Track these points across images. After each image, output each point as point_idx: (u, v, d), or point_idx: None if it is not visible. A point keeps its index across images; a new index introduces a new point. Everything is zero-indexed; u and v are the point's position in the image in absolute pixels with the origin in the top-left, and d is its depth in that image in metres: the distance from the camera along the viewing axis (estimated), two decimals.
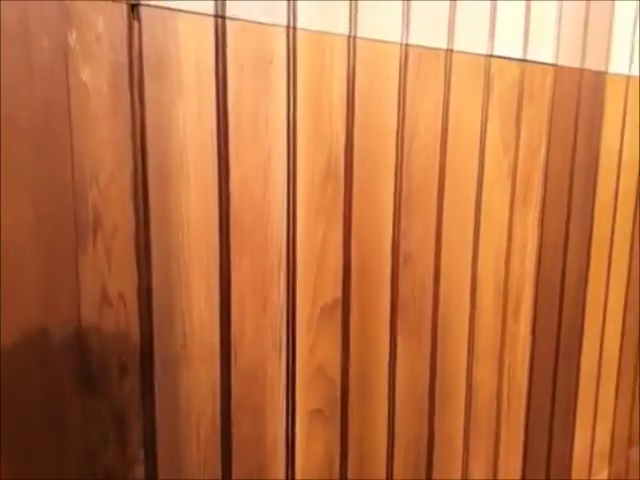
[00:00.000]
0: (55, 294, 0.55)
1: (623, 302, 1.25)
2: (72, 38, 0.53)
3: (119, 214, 0.57)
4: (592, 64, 1.08)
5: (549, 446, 1.13)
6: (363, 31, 0.74)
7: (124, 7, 0.55)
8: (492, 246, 0.96)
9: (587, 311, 1.17)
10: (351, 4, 0.72)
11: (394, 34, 0.77)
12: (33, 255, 0.53)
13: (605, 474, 1.28)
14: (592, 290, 1.17)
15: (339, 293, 0.77)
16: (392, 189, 0.80)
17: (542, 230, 1.05)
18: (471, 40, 0.86)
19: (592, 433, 1.23)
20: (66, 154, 0.53)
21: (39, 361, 0.55)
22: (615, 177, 1.17)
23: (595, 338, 1.20)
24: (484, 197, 0.93)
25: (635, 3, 1.15)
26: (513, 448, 1.06)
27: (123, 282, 0.59)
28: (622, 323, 1.26)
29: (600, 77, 1.10)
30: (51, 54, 0.52)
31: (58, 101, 0.53)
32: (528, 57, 0.96)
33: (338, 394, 0.79)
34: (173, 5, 0.58)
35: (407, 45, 0.79)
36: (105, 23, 0.55)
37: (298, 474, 0.76)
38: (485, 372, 0.98)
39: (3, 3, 0.48)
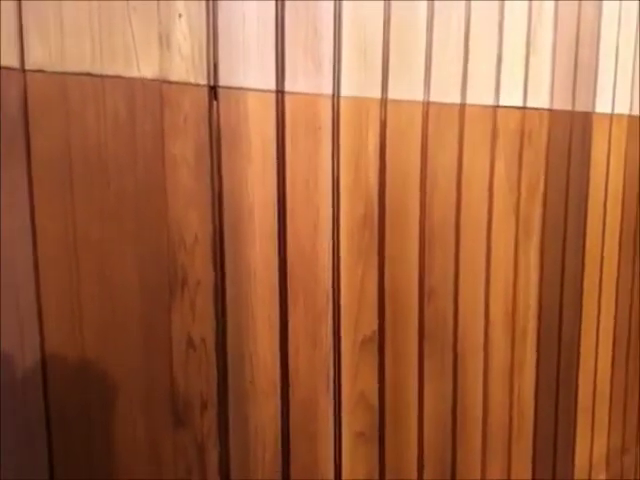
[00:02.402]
0: (154, 340, 0.62)
1: (613, 323, 1.37)
2: (166, 119, 0.61)
3: (201, 270, 0.65)
4: (581, 106, 1.20)
5: (554, 456, 1.23)
6: (393, 93, 0.83)
7: (205, 90, 0.64)
8: (501, 277, 1.06)
9: (582, 332, 1.27)
10: (383, 71, 0.81)
11: (417, 93, 0.87)
12: (137, 308, 0.61)
13: (603, 478, 1.39)
14: (586, 314, 1.28)
15: (376, 326, 0.86)
16: (417, 232, 0.89)
17: (542, 259, 1.15)
18: (480, 94, 0.97)
19: (590, 444, 1.34)
20: (162, 220, 0.62)
21: (142, 400, 0.62)
22: (602, 209, 1.28)
23: (590, 358, 1.30)
24: (493, 233, 1.03)
25: (614, 51, 1.27)
26: (523, 459, 1.15)
27: (204, 328, 0.67)
28: (612, 343, 1.37)
29: (588, 117, 1.22)
30: (151, 134, 0.60)
31: (156, 174, 0.61)
32: (528, 104, 1.06)
33: (377, 417, 0.87)
34: (244, 85, 0.67)
35: (428, 102, 0.88)
36: (191, 104, 0.63)
37: None
38: (498, 392, 1.08)
39: (117, 97, 0.57)
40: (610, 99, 1.27)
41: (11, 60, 0.52)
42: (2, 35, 0.51)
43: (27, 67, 0.52)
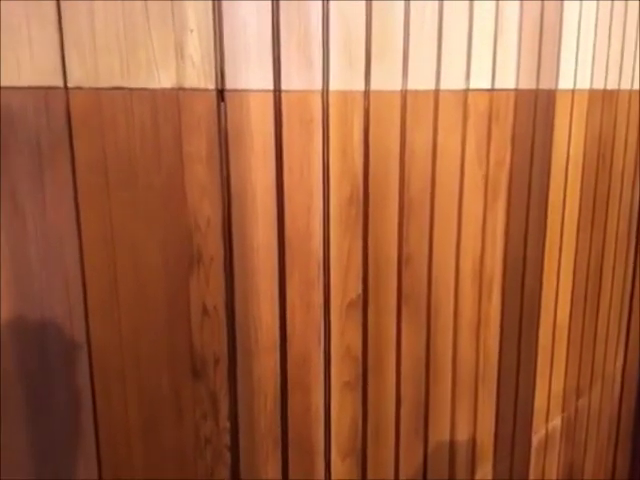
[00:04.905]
0: (176, 309, 0.74)
1: (572, 278, 1.51)
2: (183, 122, 0.71)
3: (214, 249, 0.77)
4: (545, 84, 1.31)
5: (515, 400, 1.39)
6: (375, 85, 0.93)
7: (214, 93, 0.74)
8: (470, 241, 1.19)
9: (543, 287, 1.42)
10: (366, 65, 0.91)
11: (396, 84, 0.97)
12: (162, 283, 0.72)
13: (559, 420, 1.56)
14: (547, 268, 1.42)
15: (360, 290, 0.98)
16: (397, 206, 1.01)
17: (508, 223, 1.28)
18: (452, 79, 1.07)
19: (549, 388, 1.50)
20: (182, 209, 0.72)
21: (167, 358, 0.74)
22: (564, 177, 1.41)
23: (550, 310, 1.45)
24: (464, 203, 1.15)
25: (576, 30, 1.37)
26: (488, 402, 1.31)
27: (216, 298, 0.78)
28: (571, 297, 1.52)
29: (551, 94, 1.33)
30: (171, 136, 0.70)
31: (176, 170, 0.71)
32: (495, 86, 1.17)
33: (360, 368, 1.01)
34: (246, 87, 0.77)
35: (406, 91, 0.99)
36: (202, 107, 0.73)
37: (333, 431, 0.98)
38: (466, 342, 1.22)
39: (143, 107, 0.66)
40: (572, 76, 1.39)
41: (57, 81, 0.61)
42: (50, 60, 0.60)
43: (69, 85, 0.62)
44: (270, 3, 0.77)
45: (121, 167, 0.67)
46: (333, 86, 0.87)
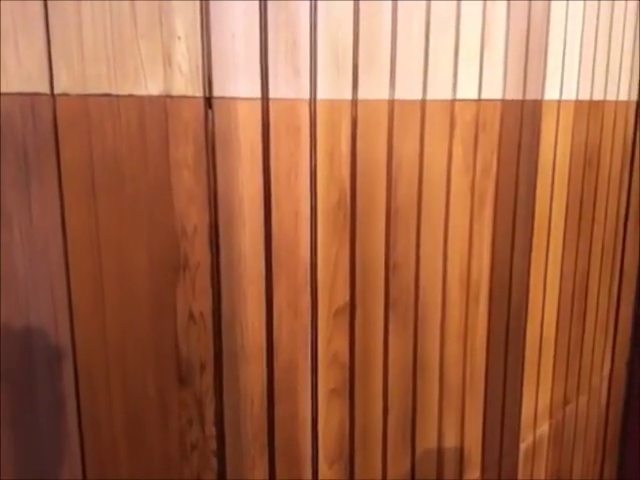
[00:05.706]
0: (162, 315, 0.74)
1: (558, 284, 1.52)
2: (170, 129, 0.72)
3: (200, 255, 0.77)
4: (531, 94, 1.32)
5: (503, 407, 1.40)
6: (362, 94, 0.94)
7: (202, 101, 0.75)
8: (457, 249, 1.19)
9: (530, 294, 1.43)
10: (353, 75, 0.92)
11: (383, 93, 0.98)
12: (147, 287, 0.72)
13: (546, 427, 1.57)
14: (534, 275, 1.43)
15: (348, 297, 0.98)
16: (384, 213, 1.02)
17: (494, 231, 1.29)
18: (439, 89, 1.08)
19: (536, 395, 1.51)
20: (168, 214, 0.73)
21: (153, 363, 0.74)
22: (550, 186, 1.43)
23: (537, 317, 1.46)
24: (450, 210, 1.16)
25: (562, 43, 1.39)
26: (475, 409, 1.32)
27: (203, 304, 0.79)
28: (558, 303, 1.53)
29: (537, 104, 1.35)
30: (159, 142, 0.71)
31: (163, 176, 0.72)
32: (482, 97, 1.18)
33: (347, 375, 1.01)
34: (234, 95, 0.77)
35: (393, 100, 1.00)
36: (190, 114, 0.74)
37: (320, 437, 0.98)
38: (453, 350, 1.23)
39: (130, 114, 0.67)
40: (558, 87, 1.40)
41: (43, 87, 0.62)
42: (37, 67, 0.61)
43: (55, 92, 0.62)
44: (258, 11, 0.78)
45: (108, 173, 0.67)
46: (321, 95, 0.88)
